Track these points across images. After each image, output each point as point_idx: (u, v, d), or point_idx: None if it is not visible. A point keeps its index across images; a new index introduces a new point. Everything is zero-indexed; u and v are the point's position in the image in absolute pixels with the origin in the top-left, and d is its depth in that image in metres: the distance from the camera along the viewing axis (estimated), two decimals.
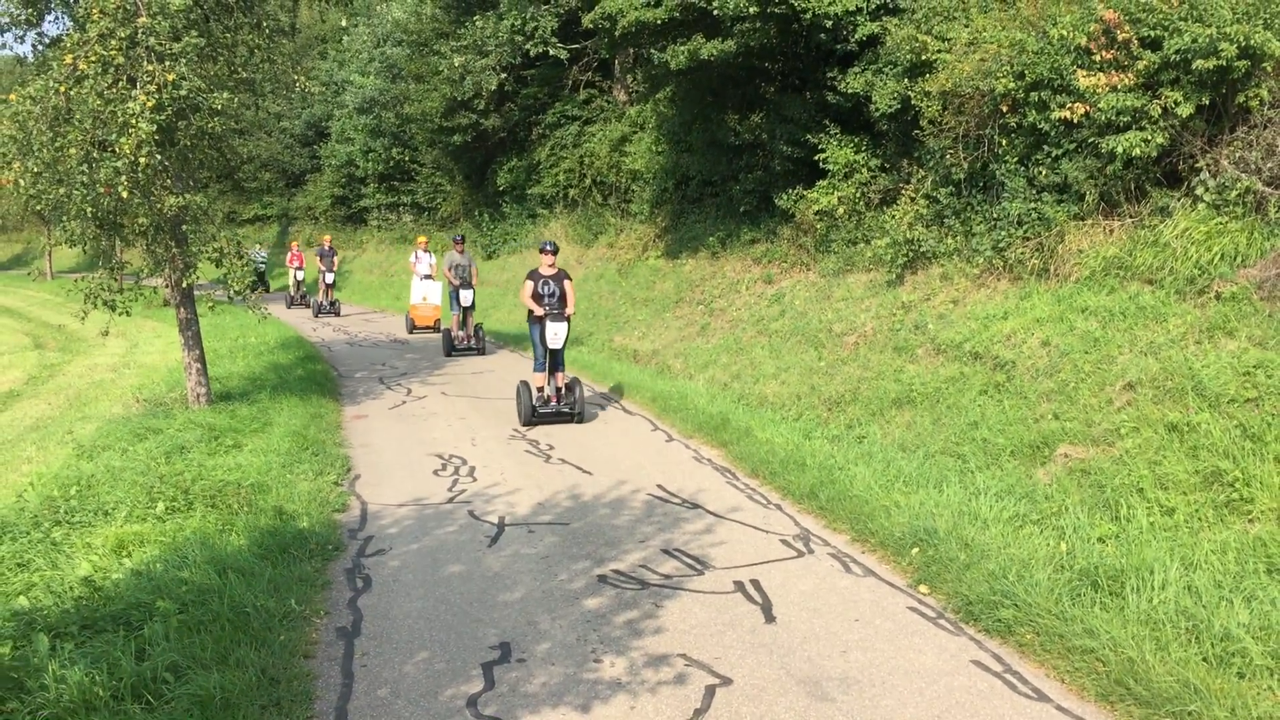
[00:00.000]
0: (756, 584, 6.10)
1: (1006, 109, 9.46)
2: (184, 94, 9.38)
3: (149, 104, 9.13)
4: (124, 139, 9.11)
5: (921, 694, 4.73)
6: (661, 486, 8.31)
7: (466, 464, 9.21)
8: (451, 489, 8.38)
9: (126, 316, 10.47)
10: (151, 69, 9.31)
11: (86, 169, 9.34)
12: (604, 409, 11.73)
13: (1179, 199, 8.23)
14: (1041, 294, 8.97)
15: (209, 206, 10.85)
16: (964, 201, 10.45)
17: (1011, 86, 9.19)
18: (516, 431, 10.58)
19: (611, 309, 18.11)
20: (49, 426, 12.38)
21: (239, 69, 10.78)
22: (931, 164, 10.96)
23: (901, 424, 8.95)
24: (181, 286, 10.78)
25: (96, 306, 10.06)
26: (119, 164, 9.13)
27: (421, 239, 20.54)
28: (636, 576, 6.27)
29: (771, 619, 5.60)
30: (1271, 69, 7.85)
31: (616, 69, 23.23)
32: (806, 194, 13.26)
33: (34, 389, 16.14)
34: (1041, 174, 9.21)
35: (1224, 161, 7.96)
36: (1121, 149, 8.23)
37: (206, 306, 10.73)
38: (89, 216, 9.65)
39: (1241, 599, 4.99)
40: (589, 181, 22.49)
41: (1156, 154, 8.28)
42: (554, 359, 10.91)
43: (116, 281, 10.21)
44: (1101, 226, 8.81)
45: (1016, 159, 9.55)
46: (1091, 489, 6.60)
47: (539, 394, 10.87)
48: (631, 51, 19.90)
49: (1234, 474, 5.92)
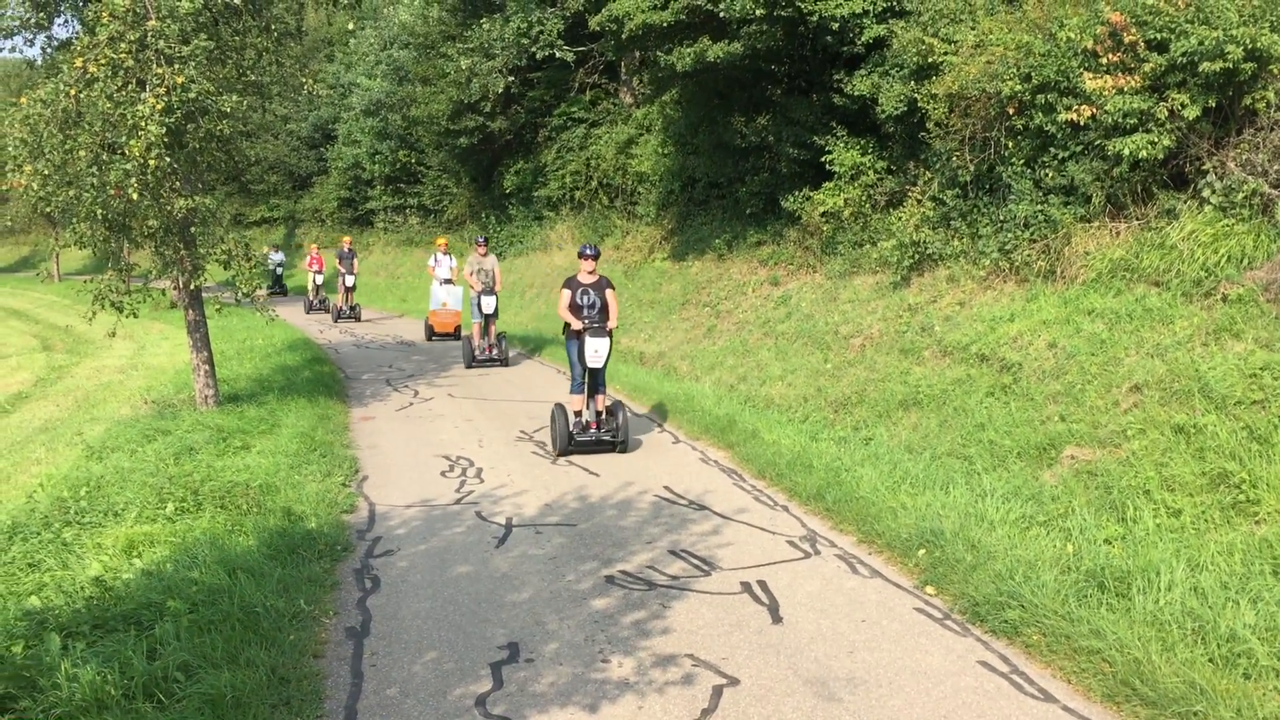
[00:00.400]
0: (764, 585, 6.12)
1: (1013, 111, 9.47)
2: (193, 97, 9.45)
3: (158, 106, 9.19)
4: (133, 141, 9.16)
5: (928, 694, 4.74)
6: (668, 488, 8.33)
7: (474, 465, 9.24)
8: (459, 490, 8.41)
9: (134, 318, 10.53)
10: (161, 72, 9.37)
11: (96, 171, 9.41)
12: None
13: (1185, 201, 8.23)
14: (1048, 296, 8.98)
15: (217, 209, 10.91)
16: (970, 204, 10.46)
17: (1018, 89, 9.20)
18: (523, 433, 10.60)
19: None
20: (58, 428, 12.44)
21: (247, 72, 10.84)
22: (938, 166, 10.97)
23: (908, 426, 8.96)
24: (190, 288, 10.84)
25: (105, 308, 10.12)
26: (129, 166, 9.19)
27: (441, 241, 19.58)
28: (644, 577, 6.29)
29: (779, 620, 5.61)
30: (1278, 71, 7.86)
31: (623, 71, 23.27)
32: (813, 196, 13.28)
33: (42, 391, 16.21)
34: (1048, 176, 9.21)
35: (1230, 164, 7.97)
36: (1128, 151, 8.24)
37: (215, 309, 10.77)
38: (99, 218, 9.72)
39: (1247, 600, 4.99)
40: (595, 184, 22.54)
41: (1163, 156, 8.29)
42: (594, 379, 9.71)
43: (125, 283, 10.28)
44: (1108, 229, 8.81)
45: (1023, 161, 9.56)
46: (1098, 490, 6.61)
47: (576, 419, 9.68)
48: (638, 54, 19.91)
49: (1240, 475, 5.92)
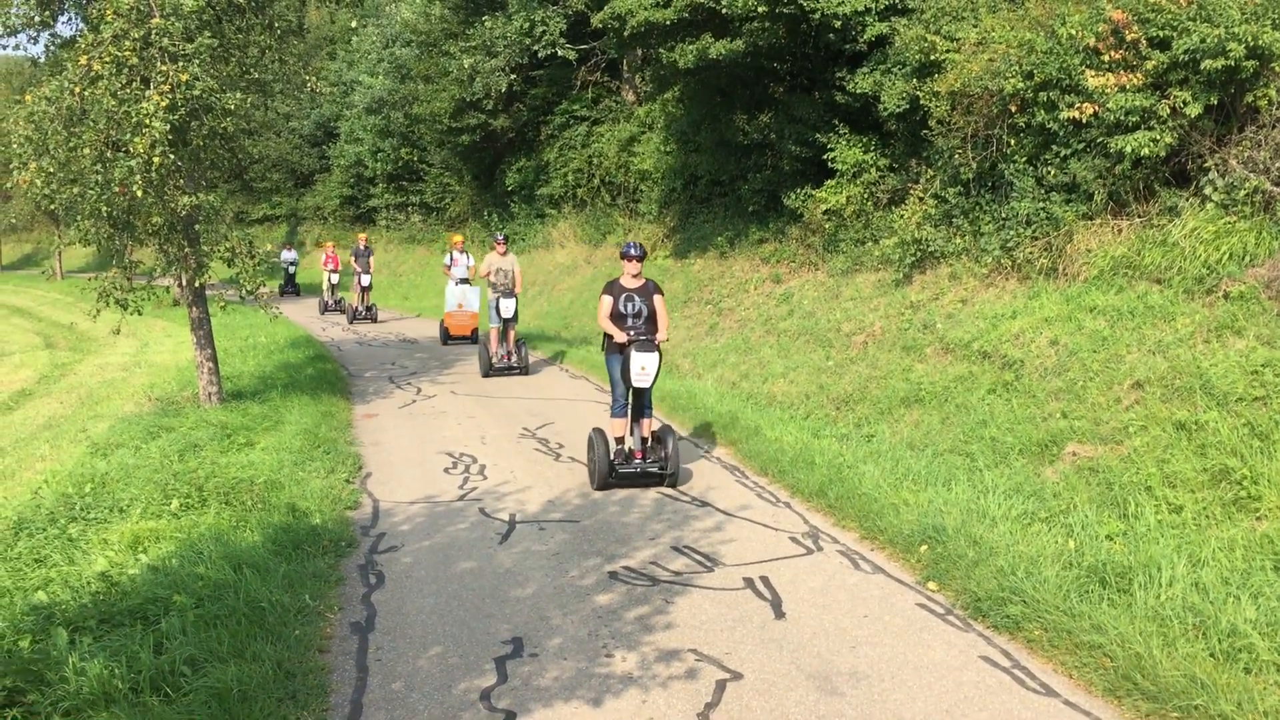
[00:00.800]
0: (766, 581, 6.15)
1: (1015, 109, 9.49)
2: (197, 94, 9.47)
3: (162, 104, 9.21)
4: (138, 139, 9.19)
5: (930, 689, 4.76)
6: (671, 484, 8.36)
7: (477, 462, 9.26)
8: (462, 487, 8.44)
9: (138, 315, 10.56)
10: (165, 69, 9.39)
11: (101, 168, 9.43)
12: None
13: (1187, 199, 8.25)
14: (1050, 293, 8.99)
15: (221, 206, 10.94)
16: (972, 201, 10.47)
17: (1020, 86, 9.21)
18: (526, 430, 10.63)
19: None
20: (61, 425, 12.48)
21: (250, 69, 10.86)
22: (940, 164, 10.99)
23: (910, 423, 8.98)
24: (194, 286, 10.86)
25: (109, 305, 10.15)
26: (133, 163, 9.21)
27: (457, 238, 18.52)
28: (647, 573, 6.32)
29: (781, 615, 5.64)
30: None
31: (625, 69, 23.28)
32: (815, 194, 13.29)
33: (46, 388, 16.25)
34: (1050, 174, 9.23)
35: (1232, 161, 7.98)
36: (1130, 149, 8.25)
37: (219, 306, 10.80)
38: (103, 215, 9.75)
39: (1248, 595, 5.02)
40: (597, 181, 22.56)
41: (1165, 154, 8.30)
42: (639, 401, 8.37)
43: (129, 281, 10.31)
44: (1110, 226, 8.83)
45: (1025, 159, 9.58)
46: (1100, 487, 6.63)
47: (619, 447, 8.37)
48: (640, 51, 19.94)
49: (1242, 472, 5.94)
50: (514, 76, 23.59)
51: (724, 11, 12.91)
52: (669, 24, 14.01)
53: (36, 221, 50.50)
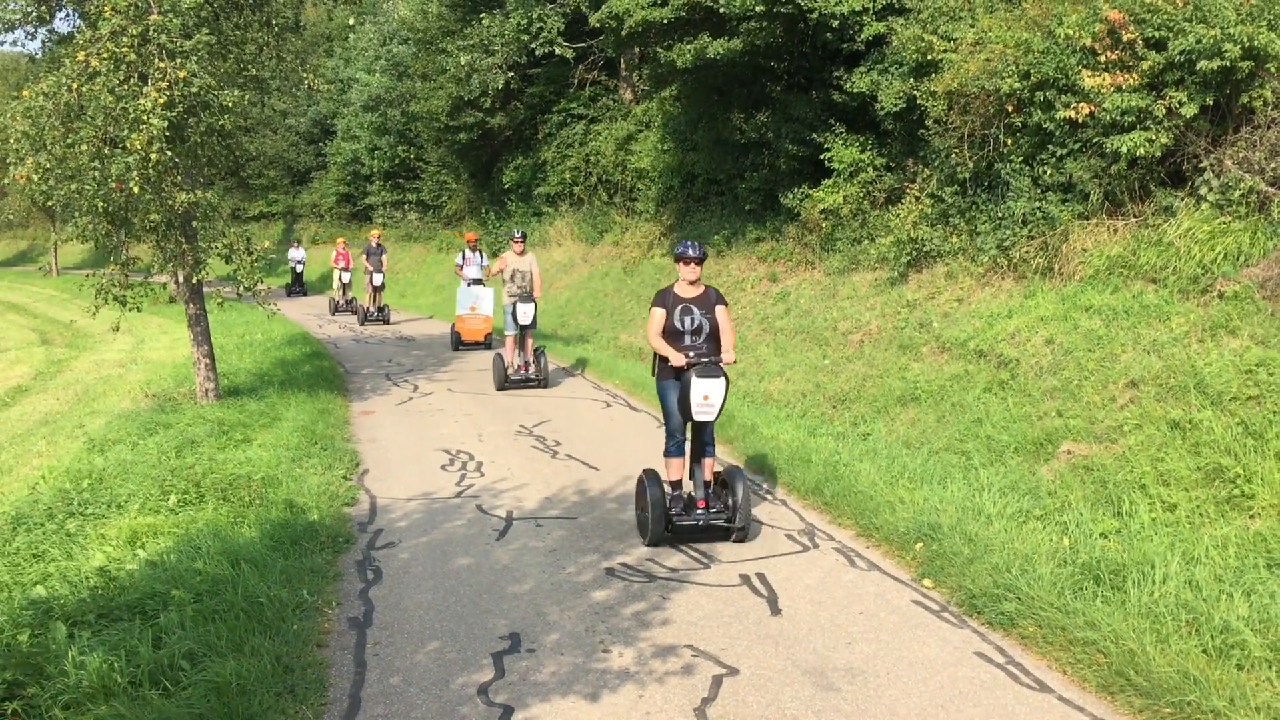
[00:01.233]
0: (762, 577, 6.18)
1: (1012, 108, 9.52)
2: (195, 91, 9.48)
3: (160, 100, 9.22)
4: (135, 135, 9.19)
5: (925, 684, 4.80)
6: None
7: (474, 459, 9.28)
8: (459, 483, 8.46)
9: (137, 312, 10.57)
10: (163, 66, 9.40)
11: (98, 165, 9.44)
12: (609, 406, 11.80)
13: (1183, 199, 8.28)
14: (1045, 292, 9.03)
15: (218, 203, 10.94)
16: (969, 200, 10.50)
17: (1017, 86, 9.24)
18: (523, 427, 10.64)
19: (616, 307, 18.18)
20: (58, 421, 12.46)
21: (248, 66, 10.86)
22: (936, 163, 11.01)
23: (906, 421, 9.02)
24: (191, 282, 10.87)
25: (107, 302, 10.15)
26: (130, 160, 9.22)
27: (470, 235, 17.17)
28: (644, 570, 6.34)
29: (777, 611, 5.67)
30: (1275, 69, 7.90)
31: (622, 68, 23.29)
32: (812, 193, 13.32)
33: (42, 384, 16.22)
34: (1046, 173, 9.26)
35: (1227, 161, 8.02)
36: (1126, 149, 8.28)
37: (216, 303, 10.81)
38: (100, 212, 9.75)
39: (1241, 593, 5.05)
40: (594, 180, 22.56)
41: (1160, 154, 8.33)
42: (699, 437, 6.93)
43: (126, 277, 10.31)
44: (1106, 226, 8.86)
45: (1021, 158, 9.61)
46: (1094, 485, 6.66)
47: (674, 493, 6.96)
48: (637, 50, 19.93)
49: (1235, 470, 5.98)
50: (511, 75, 23.59)
51: (721, 11, 12.92)
52: (666, 23, 14.02)
53: (32, 218, 50.40)
